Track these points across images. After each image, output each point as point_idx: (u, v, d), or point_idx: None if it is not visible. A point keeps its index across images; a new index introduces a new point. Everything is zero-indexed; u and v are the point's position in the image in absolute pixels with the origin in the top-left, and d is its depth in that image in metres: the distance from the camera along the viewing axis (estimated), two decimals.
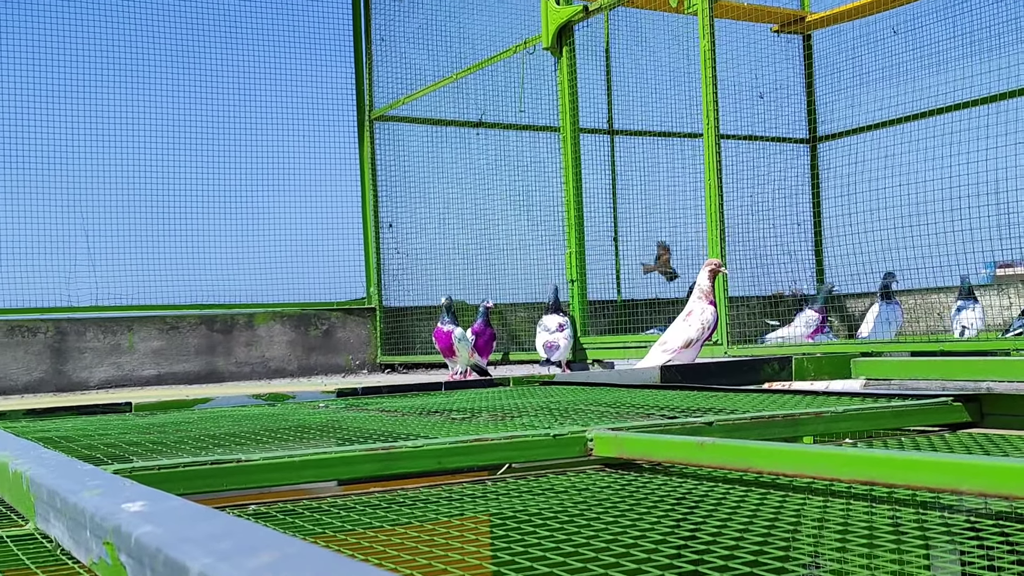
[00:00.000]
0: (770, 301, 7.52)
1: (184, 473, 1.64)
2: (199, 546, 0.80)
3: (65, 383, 8.21)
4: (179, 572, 0.77)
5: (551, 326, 6.83)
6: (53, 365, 8.19)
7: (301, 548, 0.78)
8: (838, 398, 2.55)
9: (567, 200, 7.18)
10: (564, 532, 1.29)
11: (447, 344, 6.94)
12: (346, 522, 1.43)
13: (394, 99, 9.18)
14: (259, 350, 8.86)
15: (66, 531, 1.14)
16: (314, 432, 2.35)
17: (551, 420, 2.32)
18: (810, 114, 8.38)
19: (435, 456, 1.79)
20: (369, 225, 9.42)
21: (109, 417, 3.27)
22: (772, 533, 1.24)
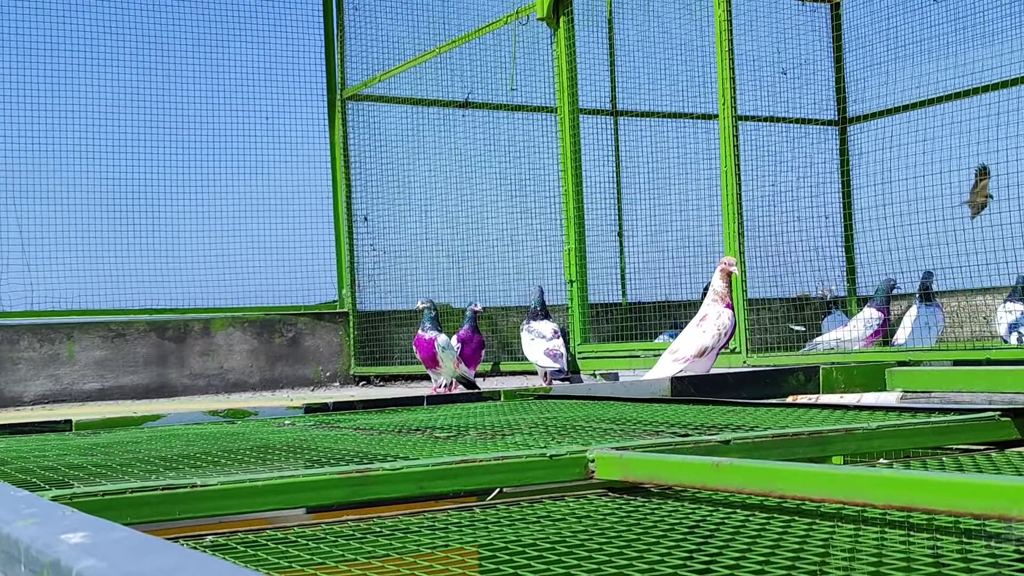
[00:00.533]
0: (794, 304, 7.53)
1: (131, 500, 1.64)
2: None
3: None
4: None
5: (546, 332, 6.81)
6: None
7: None
8: (871, 413, 2.56)
9: (565, 191, 7.19)
10: (562, 565, 1.30)
11: (429, 353, 6.94)
12: (315, 554, 1.43)
13: (369, 76, 9.17)
14: (217, 360, 8.85)
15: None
16: (279, 453, 2.35)
17: (547, 439, 2.32)
18: (839, 92, 8.40)
19: (416, 480, 1.79)
20: (341, 219, 9.42)
21: (47, 437, 3.27)
22: (797, 566, 1.24)
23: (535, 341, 6.83)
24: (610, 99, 8.88)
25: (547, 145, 7.92)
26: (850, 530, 1.44)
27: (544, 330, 6.82)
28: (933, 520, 1.46)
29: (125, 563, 0.88)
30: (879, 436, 2.13)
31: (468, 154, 8.66)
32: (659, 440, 2.05)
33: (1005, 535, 1.38)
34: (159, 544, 0.98)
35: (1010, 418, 2.27)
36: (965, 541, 1.35)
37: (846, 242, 8.17)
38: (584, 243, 7.17)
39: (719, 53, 6.21)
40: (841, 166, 8.45)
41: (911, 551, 1.30)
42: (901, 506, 1.40)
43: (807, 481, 1.49)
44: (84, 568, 0.88)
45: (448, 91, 8.69)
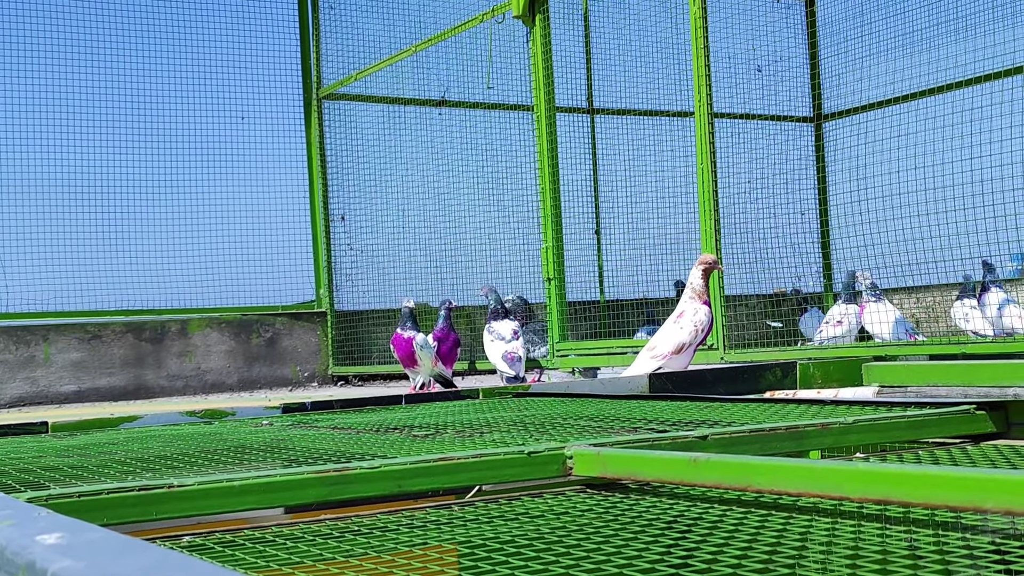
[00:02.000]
0: (771, 300, 7.56)
1: (108, 501, 1.63)
2: None
3: None
4: None
5: (505, 333, 6.72)
6: None
7: None
8: (848, 408, 2.57)
9: (542, 188, 7.20)
10: (540, 561, 1.30)
11: (407, 352, 6.92)
12: (293, 554, 1.42)
13: (345, 75, 9.16)
14: (194, 361, 8.82)
15: None
16: (257, 453, 2.34)
17: (525, 436, 2.32)
18: (814, 89, 8.44)
19: (394, 478, 1.79)
20: (318, 218, 9.40)
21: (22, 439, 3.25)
22: (774, 559, 1.25)
23: (494, 343, 6.76)
24: (586, 97, 8.89)
25: (524, 143, 7.93)
26: (827, 524, 1.45)
27: (503, 330, 6.74)
28: (909, 513, 1.47)
29: (101, 563, 0.88)
30: (855, 431, 2.15)
31: (445, 153, 8.65)
32: (637, 436, 2.06)
33: (980, 527, 1.39)
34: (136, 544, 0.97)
35: (985, 412, 2.28)
36: (941, 534, 1.36)
37: (822, 238, 8.20)
38: (562, 241, 7.18)
39: (694, 50, 6.22)
40: (817, 162, 8.48)
41: (887, 544, 1.31)
42: (877, 499, 1.41)
43: (784, 476, 1.50)
44: (60, 569, 0.88)
45: (424, 90, 8.68)
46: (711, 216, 6.21)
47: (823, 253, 8.31)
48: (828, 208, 7.95)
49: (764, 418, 2.40)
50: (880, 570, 1.19)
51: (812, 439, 2.11)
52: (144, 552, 0.92)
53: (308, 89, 9.46)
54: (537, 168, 7.28)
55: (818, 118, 8.62)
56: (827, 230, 8.02)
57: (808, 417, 2.34)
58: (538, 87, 7.23)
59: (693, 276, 5.02)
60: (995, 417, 2.29)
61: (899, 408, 2.41)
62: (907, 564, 1.21)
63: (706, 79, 6.18)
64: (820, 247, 8.26)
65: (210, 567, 0.85)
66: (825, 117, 8.56)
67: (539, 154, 7.24)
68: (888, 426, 2.19)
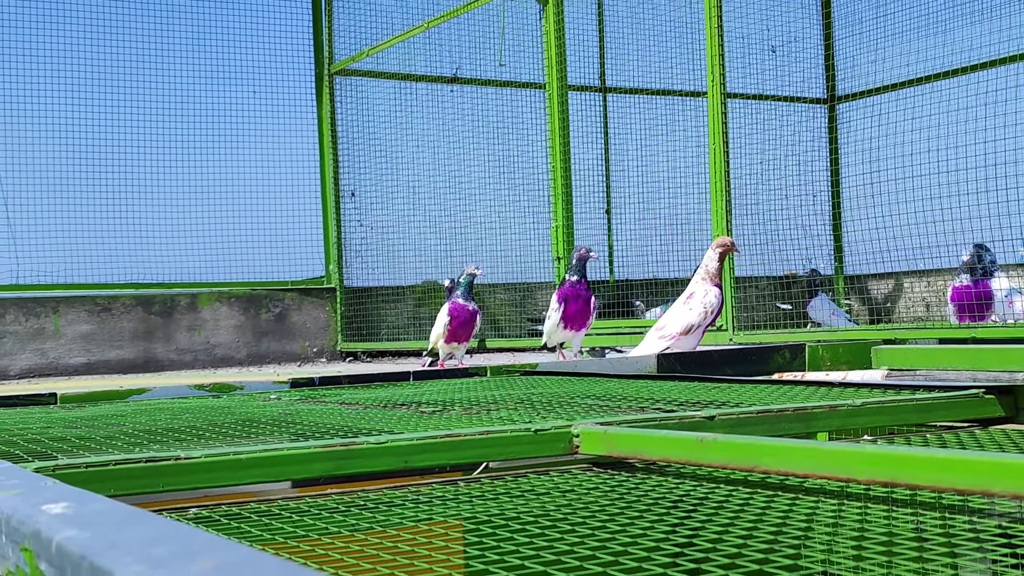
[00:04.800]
0: (781, 282, 7.55)
1: (115, 472, 1.64)
2: (130, 552, 0.80)
3: None
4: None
5: None
6: None
7: (245, 555, 0.78)
8: (856, 390, 2.57)
9: (553, 167, 7.18)
10: (545, 539, 1.30)
11: (467, 322, 6.37)
12: (299, 527, 1.43)
13: (357, 51, 9.14)
14: (203, 335, 8.84)
15: None
16: (264, 427, 2.35)
17: (532, 414, 2.32)
18: (828, 70, 8.40)
19: (401, 454, 1.80)
20: (328, 194, 9.40)
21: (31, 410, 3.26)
22: (780, 540, 1.25)
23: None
24: (599, 75, 8.86)
25: (535, 121, 7.91)
26: (833, 505, 1.44)
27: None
28: (916, 495, 1.47)
29: (106, 533, 0.88)
30: (864, 413, 2.14)
31: (456, 130, 8.64)
32: (644, 416, 2.06)
33: (987, 511, 1.39)
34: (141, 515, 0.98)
35: (994, 396, 2.28)
36: (947, 517, 1.36)
37: (834, 220, 8.18)
38: (572, 220, 7.17)
39: (708, 30, 6.20)
40: (830, 144, 8.45)
41: (894, 526, 1.31)
42: (884, 482, 1.40)
43: (791, 456, 1.50)
44: (65, 538, 0.88)
45: (436, 66, 8.66)
46: (722, 197, 6.19)
47: (834, 236, 8.29)
48: (840, 190, 7.91)
49: (772, 399, 2.40)
50: (886, 552, 1.19)
51: (820, 421, 2.10)
52: (150, 523, 0.93)
53: (320, 64, 9.44)
54: (548, 147, 7.26)
55: (832, 100, 8.59)
56: (839, 212, 7.99)
57: (816, 399, 2.34)
58: (550, 65, 7.21)
59: (708, 258, 5.01)
60: (1004, 401, 2.28)
61: (908, 391, 2.40)
62: (913, 547, 1.21)
63: (719, 59, 6.16)
64: (832, 229, 8.23)
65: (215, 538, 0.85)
66: (839, 99, 8.52)
67: (550, 133, 7.22)
68: (896, 409, 2.19)
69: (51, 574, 0.89)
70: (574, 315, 5.87)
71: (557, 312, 5.87)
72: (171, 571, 0.74)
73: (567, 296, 5.87)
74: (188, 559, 0.77)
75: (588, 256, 5.94)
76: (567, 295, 5.88)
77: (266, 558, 0.77)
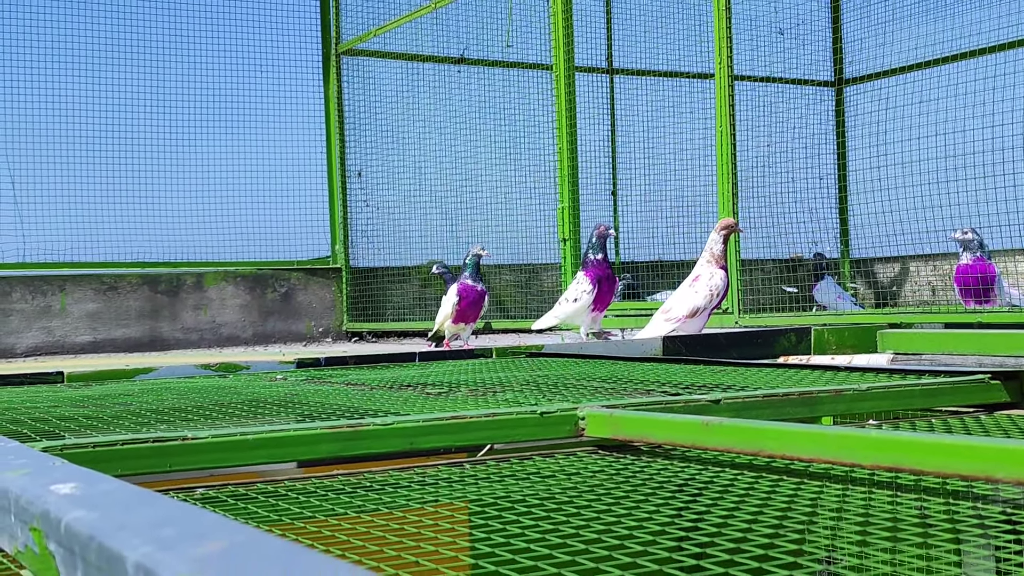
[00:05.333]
0: (788, 265, 7.54)
1: (122, 452, 1.64)
2: (137, 533, 0.80)
3: None
4: (114, 562, 0.78)
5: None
6: None
7: (252, 536, 0.78)
8: (861, 374, 2.57)
9: (559, 148, 7.17)
10: (551, 521, 1.30)
11: (475, 303, 6.33)
12: (305, 508, 1.43)
13: (364, 30, 9.12)
14: (209, 315, 8.85)
15: None
16: (270, 407, 2.35)
17: (538, 396, 2.33)
18: (836, 53, 8.37)
19: (407, 435, 1.80)
20: (335, 174, 9.39)
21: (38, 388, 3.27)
22: (784, 524, 1.25)
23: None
24: (606, 57, 8.84)
25: (542, 102, 7.89)
26: (838, 490, 1.45)
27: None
28: (920, 481, 1.47)
29: (115, 514, 0.89)
30: (869, 397, 2.14)
31: (463, 111, 8.62)
32: (650, 399, 2.06)
33: (992, 497, 1.39)
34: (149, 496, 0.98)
35: (1000, 381, 2.28)
36: (952, 502, 1.36)
37: (840, 203, 8.16)
38: (578, 201, 7.16)
39: (716, 11, 6.17)
40: (837, 127, 8.43)
41: (898, 511, 1.31)
42: (889, 467, 1.40)
43: (796, 441, 1.50)
44: (73, 519, 0.88)
45: (443, 47, 8.64)
46: (729, 179, 6.18)
47: (841, 219, 8.27)
48: (847, 173, 7.90)
49: (777, 383, 2.40)
50: (890, 537, 1.19)
51: (825, 405, 2.11)
52: (158, 504, 0.93)
53: (327, 44, 9.42)
54: (555, 128, 7.25)
55: (839, 82, 8.56)
56: (845, 195, 7.98)
57: (821, 383, 2.34)
58: (558, 46, 7.19)
59: (712, 240, 5.01)
60: (1010, 387, 2.28)
61: (913, 376, 2.40)
62: (917, 532, 1.21)
63: (727, 41, 6.13)
64: (838, 212, 8.22)
65: (223, 519, 0.86)
66: (846, 82, 8.50)
67: (557, 114, 7.21)
68: (902, 394, 2.19)
69: (60, 554, 0.90)
70: (603, 295, 5.69)
71: (590, 295, 5.64)
72: (179, 552, 0.74)
73: (601, 278, 5.65)
74: (196, 540, 0.77)
75: (608, 233, 5.76)
76: (600, 276, 5.65)
77: (273, 540, 0.77)
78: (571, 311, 5.71)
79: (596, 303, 5.65)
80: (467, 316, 6.38)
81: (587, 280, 5.65)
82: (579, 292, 5.67)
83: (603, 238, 5.72)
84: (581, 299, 5.65)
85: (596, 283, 5.63)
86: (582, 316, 5.70)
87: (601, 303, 5.70)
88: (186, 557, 0.73)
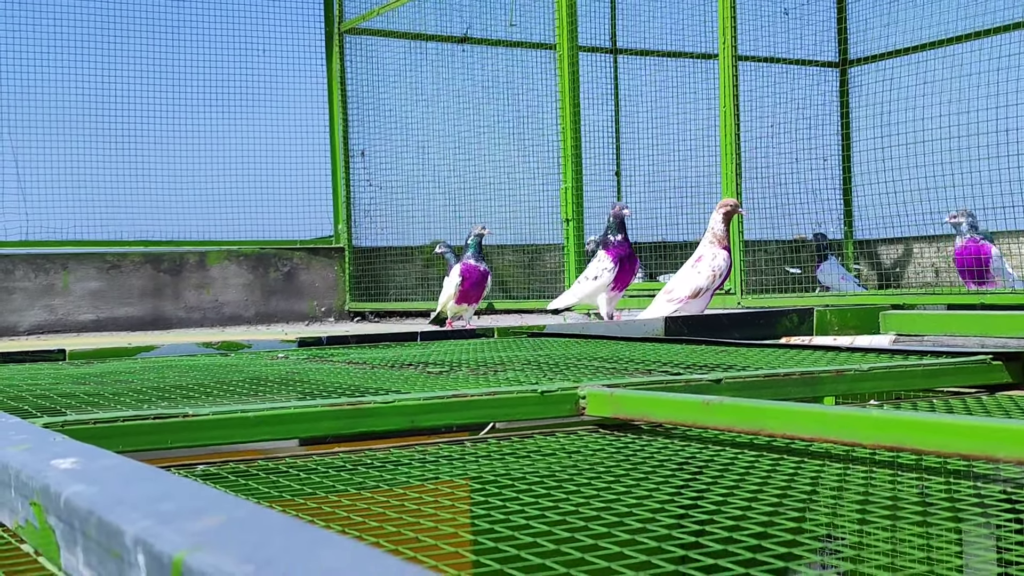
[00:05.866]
0: (791, 246, 7.53)
1: (123, 428, 1.65)
2: (136, 508, 0.80)
3: None
4: (114, 536, 0.78)
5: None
6: None
7: (252, 511, 0.78)
8: (863, 355, 2.57)
9: (563, 128, 7.16)
10: (551, 498, 1.31)
11: (478, 283, 6.28)
12: (306, 485, 1.44)
13: (368, 9, 9.10)
14: (211, 294, 8.85)
15: None
16: (272, 385, 2.36)
17: (539, 375, 2.33)
18: (840, 33, 8.34)
19: (408, 413, 1.80)
20: (338, 153, 9.38)
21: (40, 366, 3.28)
22: (784, 503, 1.25)
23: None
24: (610, 37, 8.82)
25: (545, 82, 7.88)
26: (838, 469, 1.45)
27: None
28: (921, 460, 1.47)
29: (114, 489, 0.89)
30: (870, 378, 2.14)
31: (466, 90, 8.61)
32: (651, 378, 2.06)
33: (992, 476, 1.39)
34: (149, 471, 0.98)
35: (1001, 362, 2.28)
36: (952, 481, 1.36)
37: (844, 184, 8.15)
38: (581, 182, 7.15)
39: None
40: (841, 108, 8.41)
41: (898, 490, 1.31)
42: (890, 446, 1.41)
43: (797, 420, 1.50)
44: (73, 493, 0.89)
45: (447, 26, 8.62)
46: (732, 160, 6.17)
47: (844, 200, 8.26)
48: (851, 155, 7.88)
49: (779, 363, 2.40)
50: (890, 515, 1.19)
51: (826, 385, 2.10)
52: (157, 479, 0.93)
53: (330, 23, 9.40)
54: (558, 108, 7.23)
55: (844, 63, 8.53)
56: (849, 176, 7.96)
57: (823, 363, 2.34)
58: (561, 25, 7.17)
59: (714, 220, 5.01)
60: (1012, 368, 2.28)
61: (915, 356, 2.40)
62: (917, 511, 1.21)
63: (731, 21, 6.12)
64: (842, 194, 8.21)
65: (222, 494, 0.86)
66: (851, 62, 8.47)
67: (561, 94, 7.19)
68: (903, 374, 2.19)
69: (59, 528, 0.90)
70: (624, 275, 5.61)
71: (611, 272, 5.55)
72: (178, 526, 0.74)
73: (622, 256, 5.56)
74: (195, 515, 0.77)
75: (624, 212, 5.68)
76: (622, 255, 5.56)
77: (273, 515, 0.77)
78: (590, 289, 5.64)
79: (616, 282, 5.58)
80: (470, 297, 6.36)
81: (608, 258, 5.59)
82: (600, 270, 5.61)
83: (619, 217, 5.65)
84: (602, 277, 5.58)
85: (617, 262, 5.55)
86: (602, 294, 5.62)
87: (621, 283, 5.63)
88: (185, 531, 0.73)
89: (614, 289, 5.62)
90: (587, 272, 5.69)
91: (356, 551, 0.67)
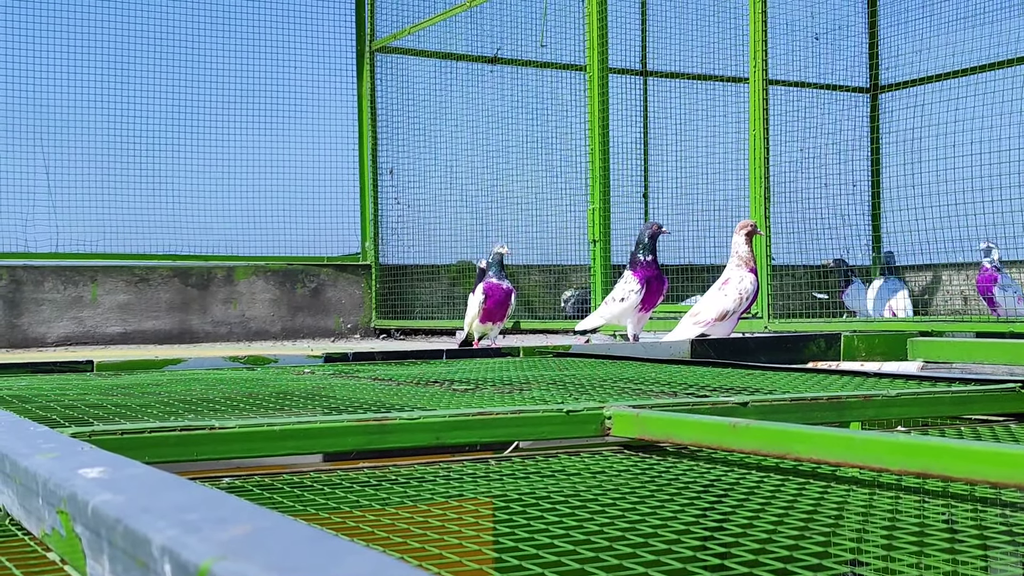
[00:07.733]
0: (818, 271, 7.51)
1: (150, 439, 1.65)
2: (163, 517, 0.81)
3: (19, 338, 8.25)
4: (140, 544, 0.78)
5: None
6: (6, 318, 8.23)
7: (277, 521, 0.78)
8: (891, 381, 2.55)
9: (591, 149, 7.17)
10: (575, 518, 1.30)
11: (501, 302, 6.27)
12: (330, 499, 1.44)
13: (399, 28, 9.14)
14: (238, 308, 8.89)
15: (15, 498, 1.15)
16: (298, 400, 2.36)
17: (565, 395, 2.33)
18: (872, 59, 8.32)
19: (433, 430, 1.80)
20: (367, 171, 9.41)
21: (68, 376, 3.29)
22: (810, 527, 1.24)
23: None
24: (640, 59, 8.83)
25: (575, 103, 7.89)
26: (865, 494, 1.44)
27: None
28: (948, 487, 1.46)
29: (141, 498, 0.89)
30: (898, 404, 2.13)
31: (495, 110, 8.63)
32: (677, 400, 2.05)
33: (1021, 504, 1.38)
34: (175, 481, 0.98)
35: None
36: (980, 509, 1.35)
37: (873, 210, 8.11)
38: (608, 203, 7.15)
39: (752, 15, 6.15)
40: (871, 134, 8.38)
41: (925, 517, 1.30)
42: (917, 472, 1.39)
43: (823, 444, 1.49)
44: (100, 502, 0.89)
45: (477, 46, 8.65)
46: (761, 183, 6.16)
47: (873, 226, 8.23)
48: (880, 180, 7.86)
49: (806, 387, 2.39)
50: (917, 542, 1.18)
51: (853, 410, 2.09)
52: (184, 489, 0.93)
53: (361, 41, 9.45)
54: (587, 129, 7.24)
55: (875, 89, 8.51)
56: (878, 202, 7.93)
57: (850, 388, 2.32)
58: (591, 47, 7.18)
59: (736, 243, 5.00)
60: None
61: (943, 383, 2.39)
62: (944, 538, 1.20)
63: (762, 45, 6.12)
64: (871, 219, 8.17)
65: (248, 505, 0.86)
66: (882, 88, 8.45)
67: (590, 115, 7.20)
68: (931, 401, 2.17)
69: (86, 537, 0.90)
70: (651, 296, 5.55)
71: (638, 295, 5.50)
72: (204, 535, 0.75)
73: (649, 278, 5.50)
74: (221, 524, 0.77)
75: (660, 231, 5.61)
76: (649, 276, 5.50)
77: (298, 525, 0.77)
78: (618, 311, 5.59)
79: (644, 303, 5.54)
80: (494, 315, 6.36)
81: (635, 280, 5.54)
82: (626, 291, 5.56)
83: (654, 238, 5.59)
84: (629, 299, 5.53)
85: (644, 283, 5.51)
86: (629, 316, 5.57)
87: (648, 303, 5.58)
88: (212, 540, 0.73)
89: (642, 310, 5.57)
90: (614, 293, 5.66)
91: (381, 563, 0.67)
